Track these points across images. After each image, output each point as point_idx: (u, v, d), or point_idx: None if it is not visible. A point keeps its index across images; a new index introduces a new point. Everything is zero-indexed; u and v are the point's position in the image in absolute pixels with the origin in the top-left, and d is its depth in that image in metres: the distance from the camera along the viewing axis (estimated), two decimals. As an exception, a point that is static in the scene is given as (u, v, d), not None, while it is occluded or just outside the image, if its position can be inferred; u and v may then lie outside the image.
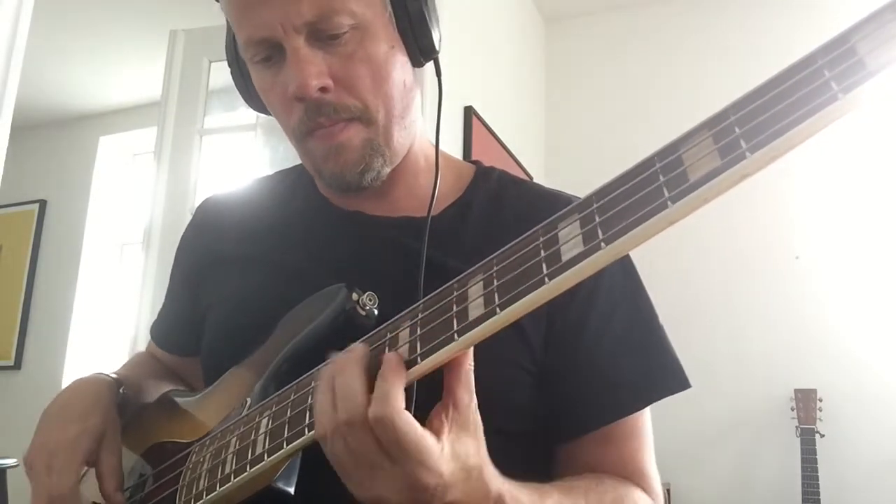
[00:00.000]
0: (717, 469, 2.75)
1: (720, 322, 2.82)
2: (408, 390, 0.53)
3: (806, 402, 2.57)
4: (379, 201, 0.78)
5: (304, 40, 0.67)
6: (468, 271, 0.51)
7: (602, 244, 0.43)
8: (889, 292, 2.65)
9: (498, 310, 0.47)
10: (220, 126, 2.76)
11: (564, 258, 0.45)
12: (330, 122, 0.70)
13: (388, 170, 0.74)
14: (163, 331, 0.94)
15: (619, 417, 0.72)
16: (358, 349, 0.54)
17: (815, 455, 2.46)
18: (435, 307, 0.52)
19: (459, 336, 0.49)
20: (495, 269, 0.49)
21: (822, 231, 2.77)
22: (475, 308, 0.49)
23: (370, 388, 0.51)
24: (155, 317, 0.97)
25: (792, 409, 2.59)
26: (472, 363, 0.54)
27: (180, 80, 2.62)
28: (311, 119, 0.70)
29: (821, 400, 2.57)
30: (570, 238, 0.46)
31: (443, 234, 0.75)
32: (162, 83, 2.64)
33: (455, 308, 0.50)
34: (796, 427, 2.55)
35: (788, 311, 2.75)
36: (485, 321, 0.48)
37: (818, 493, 2.39)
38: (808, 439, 2.49)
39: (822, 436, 2.52)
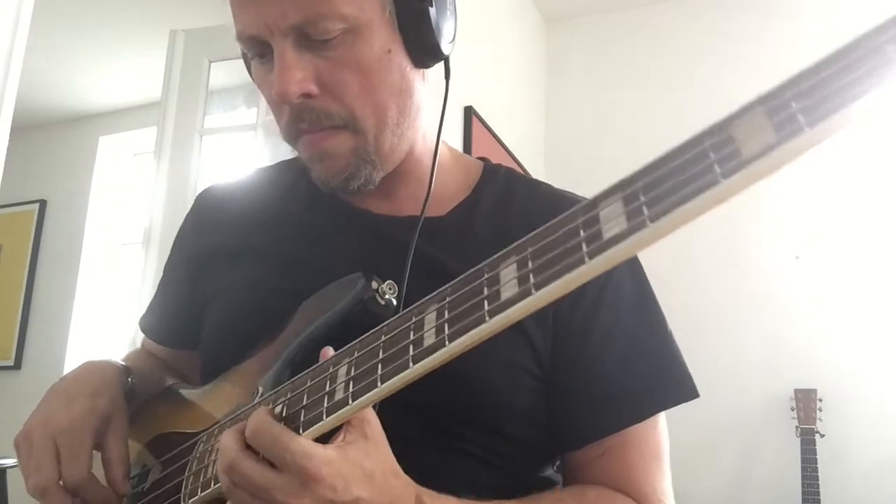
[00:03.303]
0: (717, 469, 2.75)
1: (720, 322, 2.82)
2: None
3: (806, 402, 2.56)
4: (385, 200, 0.77)
5: (290, 43, 0.64)
6: (499, 254, 0.50)
7: (647, 222, 0.41)
8: (889, 292, 2.65)
9: (533, 290, 0.45)
10: (220, 126, 2.76)
11: (606, 237, 0.43)
12: (312, 129, 0.68)
13: (378, 175, 0.72)
14: (157, 323, 0.92)
15: (618, 429, 0.70)
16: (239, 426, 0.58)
17: (815, 455, 2.45)
18: (464, 290, 0.50)
19: (491, 317, 0.46)
20: (530, 250, 0.47)
21: (822, 231, 2.77)
22: (508, 289, 0.47)
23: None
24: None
25: (792, 410, 2.59)
26: None
27: (180, 80, 2.62)
28: (295, 123, 0.69)
29: (821, 400, 2.57)
30: (612, 217, 0.43)
31: (448, 235, 0.73)
32: (162, 83, 2.64)
33: (486, 290, 0.48)
34: (796, 427, 2.55)
35: (788, 311, 2.75)
36: (519, 301, 0.46)
37: (818, 493, 2.38)
38: (808, 439, 2.49)
39: (822, 436, 2.52)
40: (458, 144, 2.42)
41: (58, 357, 3.75)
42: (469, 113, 2.48)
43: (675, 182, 0.41)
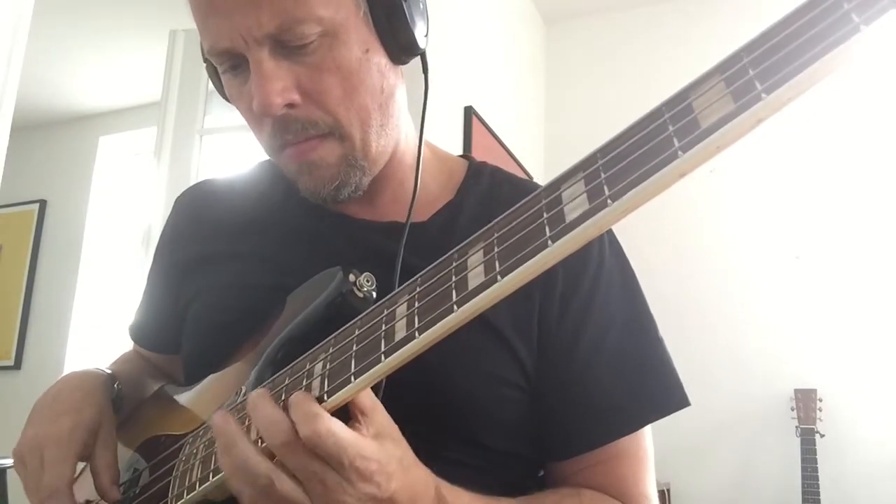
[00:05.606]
0: (716, 469, 2.75)
1: (720, 322, 2.82)
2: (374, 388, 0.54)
3: (806, 402, 2.56)
4: (366, 205, 0.75)
5: (267, 52, 0.62)
6: (468, 240, 0.49)
7: (608, 201, 0.40)
8: (889, 292, 2.65)
9: (499, 277, 0.44)
10: (220, 126, 2.76)
11: (568, 218, 0.42)
12: (298, 139, 0.66)
13: (368, 180, 0.70)
14: (144, 330, 0.90)
15: (606, 442, 0.69)
16: (260, 390, 0.54)
17: (815, 455, 2.45)
18: (433, 279, 0.49)
19: (459, 307, 0.45)
20: (496, 235, 0.46)
21: (822, 231, 2.77)
22: (475, 277, 0.46)
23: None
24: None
25: (792, 409, 2.59)
26: None
27: (180, 80, 2.62)
28: (278, 136, 0.66)
29: (821, 400, 2.57)
30: (574, 197, 0.42)
31: (430, 241, 0.71)
32: (162, 83, 2.64)
33: (454, 278, 0.47)
34: (796, 427, 2.55)
35: (788, 311, 2.75)
36: (485, 290, 0.44)
37: (818, 493, 2.39)
38: (808, 439, 2.49)
39: (822, 436, 2.52)
40: (458, 144, 2.41)
41: (58, 357, 3.75)
42: (469, 113, 2.48)
43: (635, 158, 0.40)
